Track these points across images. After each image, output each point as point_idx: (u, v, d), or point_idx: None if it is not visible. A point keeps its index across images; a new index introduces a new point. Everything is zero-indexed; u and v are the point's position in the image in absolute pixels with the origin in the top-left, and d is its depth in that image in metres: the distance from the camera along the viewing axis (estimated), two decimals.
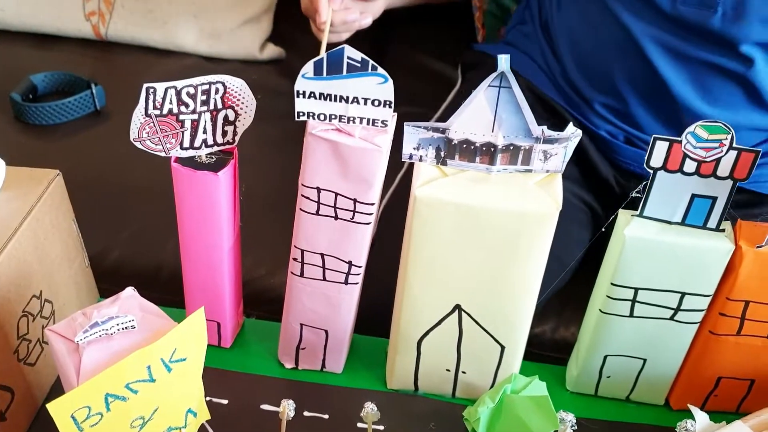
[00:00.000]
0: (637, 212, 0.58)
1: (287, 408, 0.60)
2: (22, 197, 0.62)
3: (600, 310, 0.63)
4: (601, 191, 0.91)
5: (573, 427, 0.57)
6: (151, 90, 0.56)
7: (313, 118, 0.54)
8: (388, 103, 0.52)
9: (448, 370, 0.67)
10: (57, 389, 0.68)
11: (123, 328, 0.50)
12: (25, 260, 0.61)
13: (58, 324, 0.51)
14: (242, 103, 0.59)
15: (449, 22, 1.36)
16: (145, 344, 0.49)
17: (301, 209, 0.60)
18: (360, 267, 0.63)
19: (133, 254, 1.02)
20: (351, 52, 0.50)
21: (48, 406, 0.46)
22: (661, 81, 0.81)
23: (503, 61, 0.51)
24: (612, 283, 0.60)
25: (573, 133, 0.54)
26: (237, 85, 0.58)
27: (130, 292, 0.54)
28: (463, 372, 0.67)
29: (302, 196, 0.59)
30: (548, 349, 0.92)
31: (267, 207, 0.97)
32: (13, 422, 0.62)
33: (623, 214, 0.59)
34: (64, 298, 0.68)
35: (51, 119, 1.15)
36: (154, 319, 0.52)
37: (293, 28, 1.43)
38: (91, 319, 0.49)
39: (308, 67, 0.51)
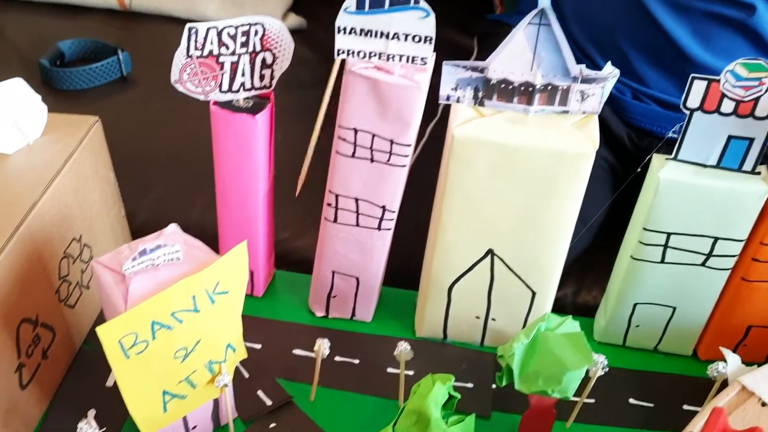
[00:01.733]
0: (672, 155, 0.58)
1: (323, 346, 0.61)
2: (63, 140, 0.63)
3: (631, 257, 0.63)
4: (615, 148, 0.92)
5: (604, 369, 0.58)
6: (193, 30, 0.56)
7: (353, 56, 0.55)
8: (429, 39, 0.53)
9: (477, 318, 0.68)
10: (94, 334, 0.69)
11: (169, 259, 0.51)
12: (66, 203, 0.62)
13: (104, 256, 0.52)
14: (280, 45, 0.59)
15: None
16: (190, 275, 0.50)
17: (337, 152, 0.60)
18: (393, 212, 0.63)
19: (159, 217, 1.03)
20: None
21: (97, 329, 0.47)
22: (663, 33, 0.81)
23: None
24: (644, 228, 0.61)
25: (611, 73, 0.54)
26: (276, 27, 0.58)
27: (173, 228, 0.55)
28: (493, 319, 0.68)
29: (339, 138, 0.59)
30: (569, 312, 0.92)
31: (288, 173, 0.98)
32: (53, 361, 0.63)
33: (657, 158, 0.59)
34: (101, 245, 0.69)
35: (78, 84, 1.16)
36: (197, 252, 0.53)
37: None
38: (137, 250, 0.50)
39: (350, 1, 0.52)
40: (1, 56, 1.25)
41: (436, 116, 0.96)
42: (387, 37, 0.53)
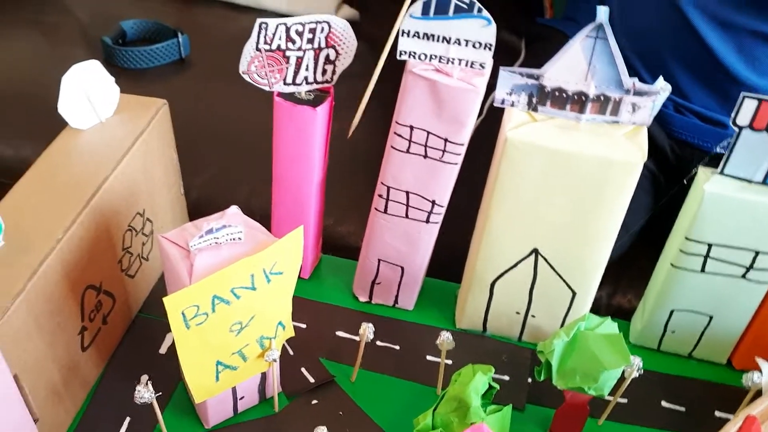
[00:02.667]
0: (718, 169, 0.59)
1: (367, 330, 0.64)
2: (133, 121, 0.67)
3: (671, 264, 0.65)
4: (658, 158, 0.93)
5: (639, 370, 0.60)
6: (264, 25, 0.59)
7: (414, 58, 0.57)
8: (488, 45, 0.55)
9: (518, 313, 0.70)
10: (150, 303, 0.73)
11: (231, 239, 0.54)
12: (134, 179, 0.66)
13: (169, 232, 0.56)
14: (344, 43, 0.62)
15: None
16: (250, 255, 0.53)
17: (392, 146, 0.63)
18: (442, 207, 0.66)
19: (211, 196, 1.07)
20: None
21: (164, 299, 0.51)
22: (707, 50, 0.82)
23: (602, 12, 0.53)
24: (686, 238, 0.62)
25: (662, 87, 0.56)
26: (341, 25, 0.61)
27: (234, 209, 0.58)
28: (533, 316, 0.70)
29: (395, 133, 0.62)
30: (602, 314, 0.94)
31: (335, 162, 1.02)
32: (112, 327, 0.67)
33: (703, 171, 0.61)
34: (161, 220, 0.73)
35: (138, 63, 1.20)
36: (257, 234, 0.56)
37: None
38: (203, 229, 0.54)
39: (416, 7, 0.54)
40: (66, 32, 1.30)
41: (482, 115, 0.98)
42: (448, 41, 0.55)
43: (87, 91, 0.64)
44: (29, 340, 0.54)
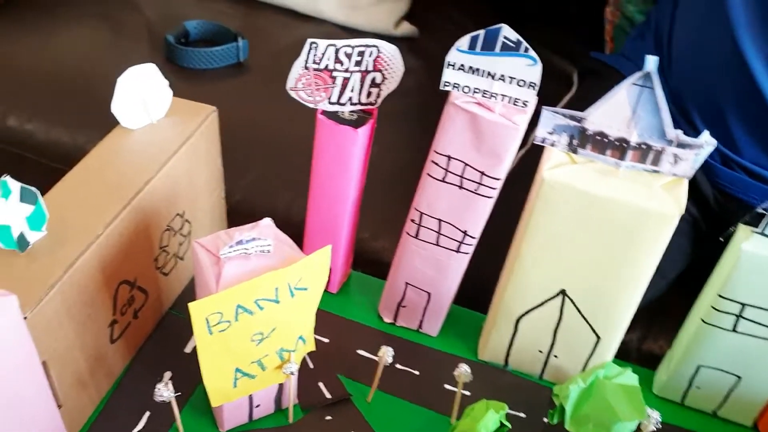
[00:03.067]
0: (758, 229, 0.58)
1: (386, 354, 0.64)
2: (183, 125, 0.69)
3: (702, 320, 0.64)
4: (700, 204, 0.91)
5: (657, 425, 0.59)
6: (314, 45, 0.60)
7: (458, 89, 0.58)
8: (532, 84, 0.55)
9: (540, 351, 0.70)
10: (181, 301, 0.75)
11: (260, 251, 0.55)
12: (177, 181, 0.68)
13: (204, 238, 0.57)
14: (391, 68, 0.63)
15: (581, 29, 1.37)
16: (277, 269, 0.55)
17: (428, 174, 0.63)
18: (474, 238, 0.66)
19: (252, 199, 1.09)
20: (508, 32, 0.53)
21: (189, 305, 0.52)
22: (765, 101, 0.80)
23: (650, 62, 0.53)
24: (719, 295, 0.61)
25: (707, 141, 0.55)
26: (390, 51, 0.62)
27: (267, 221, 0.59)
28: (555, 356, 0.69)
29: (432, 161, 0.62)
30: (633, 359, 0.93)
31: (378, 176, 1.03)
32: (142, 322, 0.69)
33: (743, 229, 0.60)
34: (200, 222, 0.75)
35: (197, 64, 1.24)
36: (285, 248, 0.57)
37: (429, 9, 1.48)
38: (234, 238, 0.55)
39: (464, 41, 0.55)
40: (132, 28, 1.34)
41: (526, 145, 0.97)
42: (493, 77, 0.56)
43: (141, 93, 0.66)
44: (60, 329, 0.56)
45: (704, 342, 0.65)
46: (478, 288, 0.75)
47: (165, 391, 0.59)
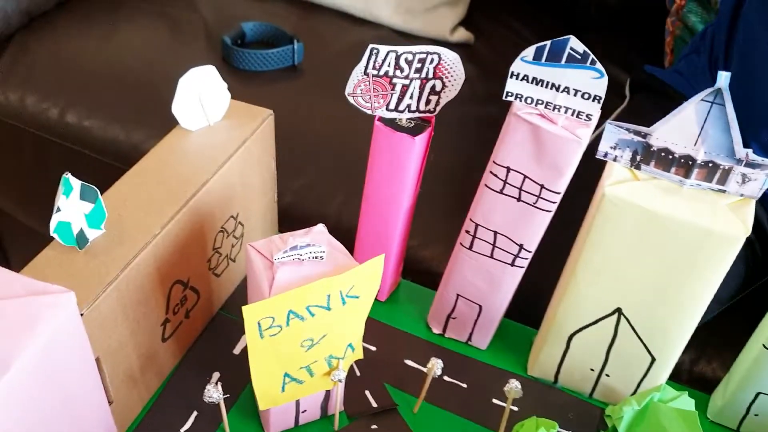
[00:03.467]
0: None
1: (436, 366, 0.63)
2: (239, 127, 0.69)
3: (763, 345, 0.61)
4: (756, 228, 0.88)
5: None
6: (374, 51, 0.60)
7: (520, 100, 0.57)
8: (597, 98, 0.54)
9: (592, 370, 0.68)
10: (231, 302, 0.76)
11: (314, 257, 0.55)
12: (232, 183, 0.68)
13: (258, 242, 0.57)
14: (451, 76, 0.62)
15: (640, 40, 1.34)
16: (329, 275, 0.54)
17: (485, 185, 0.62)
18: (530, 252, 0.65)
19: (303, 202, 1.09)
20: (575, 44, 0.52)
21: (243, 309, 0.52)
22: None
23: (723, 78, 0.51)
24: None
25: None
26: (451, 58, 0.61)
27: (321, 228, 0.59)
28: (607, 375, 0.68)
29: (490, 172, 0.61)
30: (684, 380, 0.90)
31: (430, 183, 1.02)
32: (193, 321, 0.70)
33: None
34: (252, 225, 0.75)
35: (253, 66, 1.25)
36: (338, 255, 0.57)
37: (486, 16, 1.47)
38: (288, 244, 0.55)
39: (529, 51, 0.54)
40: (190, 27, 1.36)
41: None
42: (557, 89, 0.55)
43: (200, 95, 0.66)
44: (115, 326, 0.57)
45: (764, 368, 0.62)
46: (530, 301, 0.73)
47: (214, 393, 0.59)
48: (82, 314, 0.52)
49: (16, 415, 0.47)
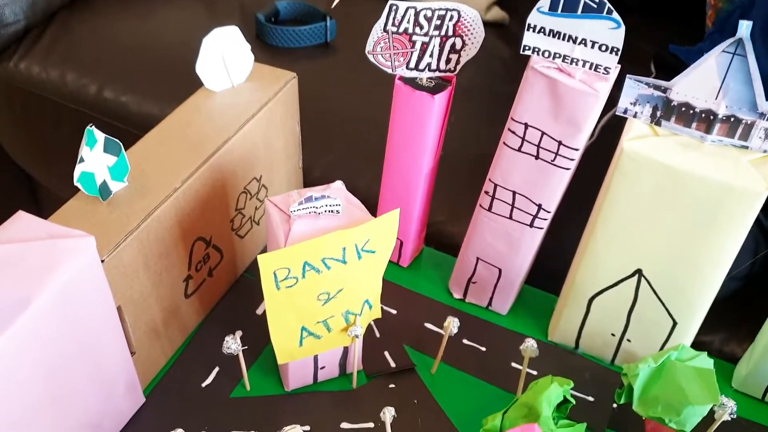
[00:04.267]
0: None
1: (452, 324, 0.63)
2: (261, 89, 0.70)
3: None
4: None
5: (732, 415, 0.56)
6: (394, 7, 0.60)
7: (538, 54, 0.56)
8: (615, 49, 0.53)
9: (613, 335, 0.67)
10: (255, 265, 0.76)
11: (329, 210, 0.56)
12: (254, 144, 0.69)
13: (275, 197, 0.58)
14: (471, 33, 0.62)
15: (684, 21, 1.31)
16: (344, 229, 0.55)
17: (504, 143, 0.62)
18: (549, 212, 0.64)
19: (332, 175, 1.10)
20: None
21: (258, 257, 0.53)
22: None
23: (744, 27, 0.50)
24: None
25: None
26: (471, 15, 0.61)
27: (339, 184, 0.60)
28: (628, 340, 0.67)
29: (508, 129, 0.61)
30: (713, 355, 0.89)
31: (459, 159, 1.01)
32: (216, 280, 0.71)
33: None
34: (276, 188, 0.76)
35: (285, 42, 1.26)
36: (355, 210, 0.57)
37: None
38: (303, 197, 0.55)
39: (544, 2, 0.53)
40: (225, 5, 1.37)
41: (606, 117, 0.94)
42: (574, 41, 0.54)
43: (224, 55, 0.68)
44: (136, 276, 0.58)
45: None
46: (553, 269, 0.73)
47: (233, 344, 0.60)
48: (103, 261, 0.54)
49: (36, 352, 0.48)
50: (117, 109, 1.22)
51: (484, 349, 0.71)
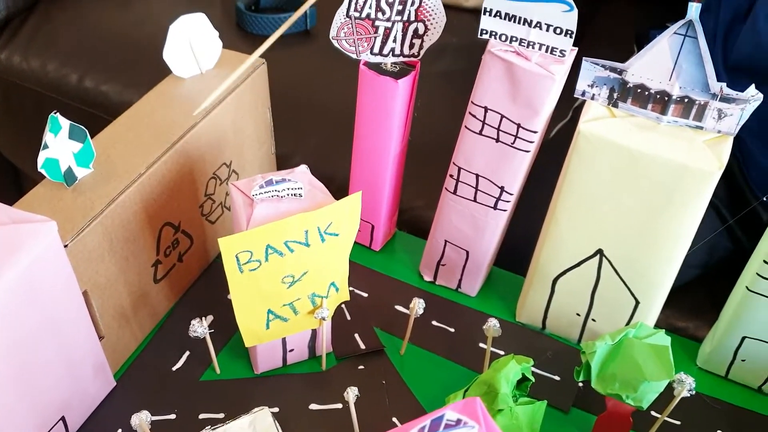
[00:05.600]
0: None
1: (417, 305, 0.64)
2: (230, 75, 0.70)
3: (747, 288, 0.61)
4: (734, 196, 0.85)
5: (690, 391, 0.57)
6: None
7: (495, 38, 0.57)
8: (569, 32, 0.54)
9: (578, 315, 0.68)
10: None
11: (292, 194, 0.56)
12: (223, 130, 0.69)
13: (239, 181, 0.59)
14: (433, 18, 0.63)
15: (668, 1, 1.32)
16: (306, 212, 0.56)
17: (465, 126, 0.63)
18: (511, 195, 0.65)
19: (311, 163, 1.10)
20: None
21: (219, 240, 0.54)
22: None
23: (693, 9, 0.51)
24: (765, 261, 0.58)
25: (753, 96, 0.53)
26: (432, 1, 0.62)
27: (303, 168, 0.60)
28: (593, 320, 0.68)
29: (469, 113, 0.62)
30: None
31: (437, 144, 1.02)
32: (187, 266, 0.72)
33: None
34: (248, 174, 0.77)
35: (265, 30, 1.26)
36: (318, 194, 0.58)
37: None
38: (265, 180, 0.56)
39: None
40: None
41: (576, 102, 0.95)
42: (530, 24, 0.55)
43: (191, 42, 0.68)
44: (101, 261, 0.59)
45: (749, 311, 0.62)
46: (521, 251, 0.74)
47: (199, 328, 0.61)
48: (66, 245, 0.54)
49: (1, 335, 0.49)
50: (98, 98, 1.22)
51: (452, 330, 0.72)
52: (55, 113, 0.57)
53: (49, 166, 0.57)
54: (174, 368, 0.67)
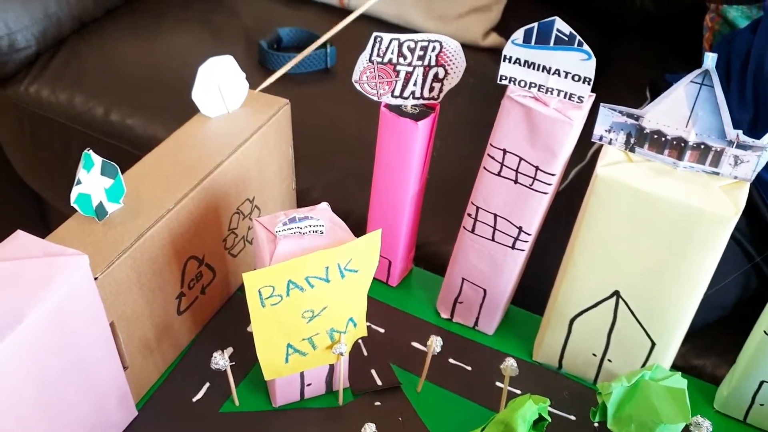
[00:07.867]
0: None
1: (435, 343, 0.65)
2: (255, 115, 0.73)
3: (765, 332, 0.61)
4: (756, 230, 0.86)
5: None
6: (379, 39, 0.63)
7: (514, 83, 0.59)
8: (587, 79, 0.56)
9: (594, 355, 0.69)
10: None
11: (313, 231, 0.58)
12: (247, 167, 0.71)
13: (263, 217, 0.60)
14: (453, 63, 0.64)
15: (681, 44, 1.34)
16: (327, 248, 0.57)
17: (484, 167, 0.64)
18: (529, 235, 0.66)
19: (329, 197, 1.12)
20: (561, 25, 0.54)
21: (244, 275, 0.55)
22: None
23: (709, 59, 0.52)
24: None
25: None
26: (452, 46, 0.64)
27: (324, 206, 0.62)
28: (609, 360, 0.68)
29: (488, 155, 0.63)
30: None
31: (454, 180, 1.04)
32: (209, 298, 0.73)
33: None
34: (270, 209, 0.79)
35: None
36: (339, 231, 0.60)
37: (520, 22, 1.48)
38: (288, 217, 0.58)
39: (518, 34, 0.56)
40: (230, 33, 1.41)
41: (595, 146, 0.96)
42: (548, 71, 0.56)
43: (219, 83, 0.70)
44: (129, 293, 0.61)
45: (767, 356, 0.62)
46: (539, 290, 0.75)
47: (221, 360, 0.62)
48: (96, 278, 0.56)
49: (29, 365, 0.51)
50: (123, 132, 1.25)
51: (469, 368, 0.72)
52: (88, 150, 0.59)
53: (82, 201, 0.59)
54: (194, 399, 0.68)
